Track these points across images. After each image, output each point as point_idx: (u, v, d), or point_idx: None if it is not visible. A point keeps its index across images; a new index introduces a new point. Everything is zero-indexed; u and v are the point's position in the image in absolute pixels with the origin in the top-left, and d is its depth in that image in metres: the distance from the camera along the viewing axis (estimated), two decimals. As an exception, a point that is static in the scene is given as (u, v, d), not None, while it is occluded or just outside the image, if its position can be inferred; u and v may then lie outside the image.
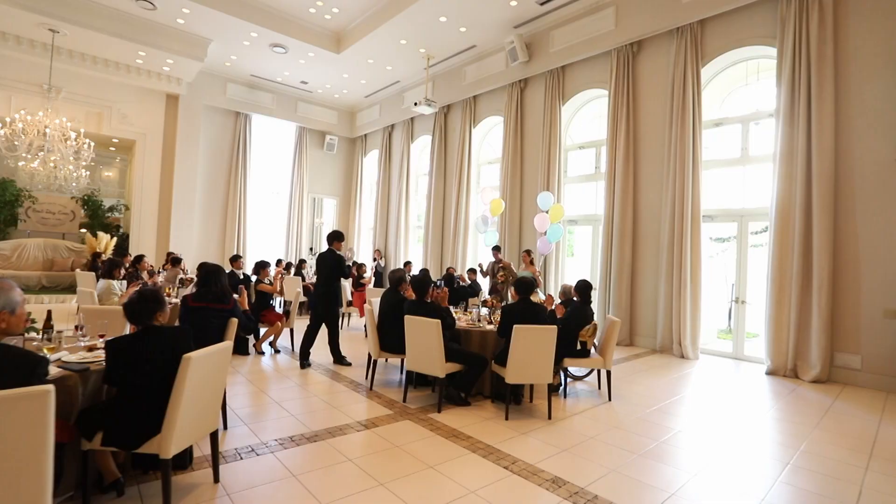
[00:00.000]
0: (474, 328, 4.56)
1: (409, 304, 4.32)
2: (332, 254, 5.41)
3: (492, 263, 7.16)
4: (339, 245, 5.44)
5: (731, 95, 7.50)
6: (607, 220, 7.90)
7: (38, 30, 9.08)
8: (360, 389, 4.59)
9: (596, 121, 9.16)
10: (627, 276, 7.66)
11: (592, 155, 9.04)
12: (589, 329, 4.54)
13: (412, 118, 12.69)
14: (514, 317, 4.07)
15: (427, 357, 4.05)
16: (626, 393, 4.84)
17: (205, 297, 3.30)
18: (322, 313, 5.36)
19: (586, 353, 4.61)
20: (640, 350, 7.22)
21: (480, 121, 10.80)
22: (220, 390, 2.62)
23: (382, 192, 13.61)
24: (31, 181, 10.08)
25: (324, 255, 5.44)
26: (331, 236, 5.46)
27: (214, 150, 12.58)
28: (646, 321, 7.51)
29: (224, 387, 2.69)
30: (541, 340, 3.88)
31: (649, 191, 7.58)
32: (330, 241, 5.44)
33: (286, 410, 3.87)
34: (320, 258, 5.46)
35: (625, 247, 7.66)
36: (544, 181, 8.93)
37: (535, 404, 4.36)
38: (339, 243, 5.45)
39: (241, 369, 5.15)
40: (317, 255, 5.43)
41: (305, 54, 10.78)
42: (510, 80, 9.75)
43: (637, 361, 6.44)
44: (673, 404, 4.53)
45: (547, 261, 8.84)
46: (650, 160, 7.60)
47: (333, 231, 5.50)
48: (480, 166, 11.48)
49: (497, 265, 6.89)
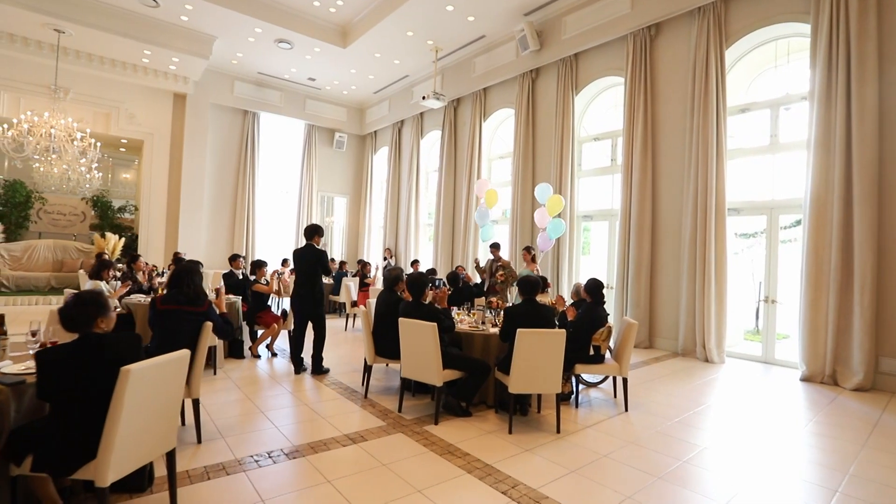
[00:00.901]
0: (477, 331, 4.20)
1: (403, 306, 3.99)
2: (311, 249, 5.03)
3: (490, 262, 6.75)
4: (318, 240, 5.08)
5: (758, 79, 6.96)
6: (624, 215, 7.44)
7: (45, 30, 9.04)
8: (355, 397, 4.27)
9: (611, 110, 8.69)
10: (646, 274, 7.19)
11: (608, 147, 8.57)
12: (602, 332, 4.14)
13: (421, 113, 12.37)
14: (518, 319, 3.70)
15: (423, 363, 3.71)
16: (644, 402, 4.42)
17: (175, 298, 3.02)
18: (308, 313, 5.00)
19: (600, 358, 4.21)
20: (660, 353, 6.76)
21: (491, 114, 10.41)
22: (175, 405, 2.32)
23: (392, 190, 13.33)
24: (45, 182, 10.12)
25: (302, 252, 5.04)
26: (309, 230, 5.09)
27: (222, 150, 12.47)
28: (666, 322, 7.04)
29: (180, 401, 2.38)
30: (547, 346, 3.51)
31: (669, 183, 7.10)
32: (309, 235, 5.07)
33: (270, 421, 3.58)
34: (298, 255, 5.05)
35: (643, 243, 7.20)
36: (557, 175, 8.51)
37: (543, 415, 3.98)
38: (319, 238, 5.09)
39: (233, 374, 4.89)
40: (293, 252, 5.09)
41: (311, 49, 10.55)
42: (521, 71, 9.34)
43: (657, 366, 5.99)
44: (697, 415, 4.09)
45: (560, 259, 8.42)
46: (670, 151, 7.12)
47: (311, 225, 5.15)
48: (491, 161, 11.09)
49: (496, 264, 6.49)
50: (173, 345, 2.96)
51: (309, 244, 5.05)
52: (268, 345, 5.85)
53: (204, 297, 3.15)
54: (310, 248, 5.04)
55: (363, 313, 4.33)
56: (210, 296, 3.56)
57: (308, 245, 5.06)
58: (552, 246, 7.51)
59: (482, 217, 7.64)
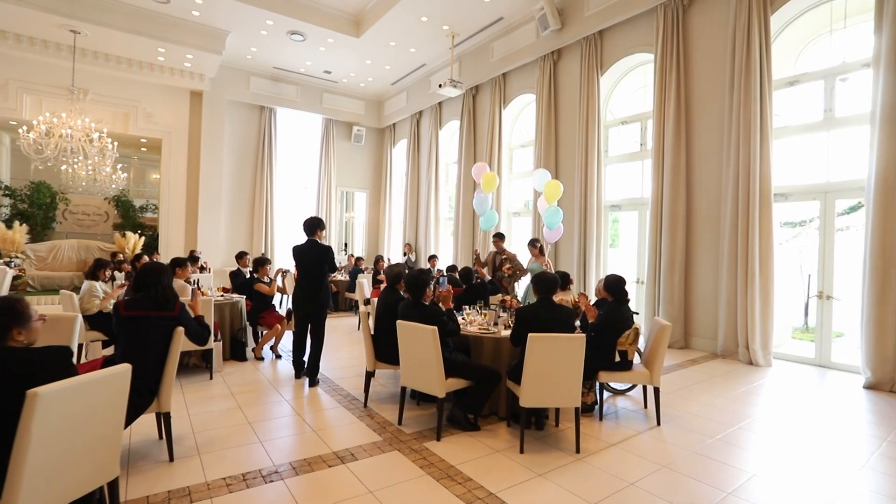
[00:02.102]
0: (486, 334, 3.77)
1: (402, 307, 3.59)
2: (315, 245, 4.58)
3: (493, 254, 6.22)
4: (320, 234, 4.63)
5: (809, 47, 6.20)
6: (656, 204, 6.82)
7: (61, 32, 9.06)
8: (354, 406, 3.92)
9: (640, 91, 8.03)
10: (680, 267, 6.57)
11: (637, 130, 7.93)
12: (628, 335, 3.63)
13: (440, 103, 11.93)
14: (531, 321, 3.25)
15: (423, 371, 3.32)
16: (679, 414, 3.89)
17: (141, 303, 2.72)
18: (311, 315, 4.56)
19: (627, 364, 3.70)
20: (696, 354, 6.14)
21: (511, 100, 9.88)
22: (115, 430, 1.99)
23: (411, 183, 12.97)
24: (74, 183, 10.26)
25: (304, 248, 4.58)
26: (310, 224, 4.61)
27: (240, 146, 12.39)
28: (704, 320, 6.41)
29: (121, 423, 2.05)
30: (563, 353, 3.04)
31: (706, 168, 6.44)
32: (310, 230, 4.60)
33: (256, 435, 3.26)
34: (301, 252, 4.60)
35: (677, 234, 6.57)
36: (582, 162, 7.93)
37: (562, 430, 3.52)
38: (321, 231, 4.64)
39: (231, 379, 4.62)
40: (293, 248, 4.66)
41: (324, 41, 10.26)
42: (542, 53, 8.77)
43: (693, 369, 5.41)
44: (743, 432, 3.54)
45: (586, 252, 7.85)
46: (707, 132, 6.45)
47: (311, 218, 4.67)
48: (513, 150, 10.57)
49: (500, 256, 5.96)
50: (141, 354, 2.68)
51: (311, 240, 4.61)
52: (272, 346, 5.58)
53: (174, 299, 2.84)
54: (312, 244, 4.61)
55: (362, 314, 3.96)
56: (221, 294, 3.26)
57: (310, 241, 4.62)
58: (559, 237, 6.84)
59: (480, 204, 6.98)
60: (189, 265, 4.92)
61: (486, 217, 6.89)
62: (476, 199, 6.98)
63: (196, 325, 2.99)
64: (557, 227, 6.49)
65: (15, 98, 9.90)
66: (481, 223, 7.04)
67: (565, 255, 8.36)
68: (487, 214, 6.89)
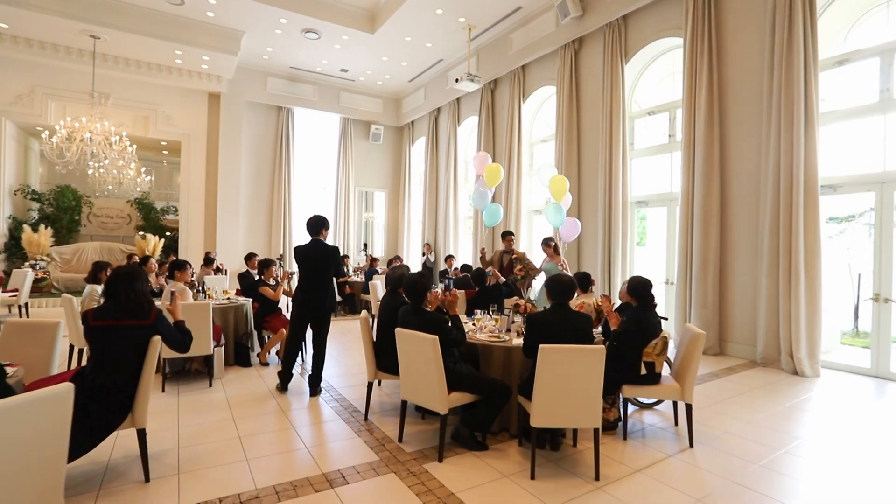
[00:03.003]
0: (497, 342, 3.43)
1: (401, 312, 3.29)
2: (321, 246, 4.22)
3: (500, 253, 5.81)
4: (325, 233, 4.29)
5: (861, 21, 5.59)
6: (686, 199, 6.33)
7: (82, 37, 9.17)
8: (354, 419, 3.64)
9: (668, 78, 7.51)
10: (714, 267, 6.05)
11: (665, 121, 7.42)
12: (656, 345, 3.23)
13: (458, 99, 11.62)
14: (543, 330, 2.90)
15: (423, 384, 3.01)
16: (715, 433, 3.46)
17: (110, 311, 2.51)
18: (317, 323, 4.24)
19: (654, 378, 3.30)
20: (732, 362, 5.63)
21: (531, 93, 9.47)
22: (55, 458, 1.75)
23: (430, 182, 12.70)
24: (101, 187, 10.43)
25: (309, 249, 4.22)
26: (314, 223, 4.24)
27: (258, 147, 12.37)
28: (741, 324, 5.89)
29: (64, 450, 1.81)
30: (580, 367, 2.68)
31: (742, 159, 5.92)
32: (314, 229, 4.24)
33: (244, 452, 3.02)
34: (305, 253, 4.21)
35: (710, 231, 6.06)
36: (606, 156, 7.47)
37: (580, 451, 3.15)
38: (326, 231, 4.30)
39: (230, 387, 4.42)
40: (295, 249, 4.24)
41: (339, 38, 10.09)
42: (562, 42, 8.34)
43: (730, 379, 4.92)
44: (790, 457, 3.10)
45: (611, 251, 7.38)
46: (742, 120, 5.92)
47: (315, 216, 4.28)
48: (533, 146, 10.15)
49: (509, 256, 5.57)
50: (112, 367, 2.47)
51: (316, 240, 4.26)
52: (277, 351, 5.37)
53: (149, 306, 2.61)
54: (318, 244, 4.26)
55: (362, 320, 3.68)
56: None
57: (315, 241, 4.26)
58: (575, 236, 6.36)
59: (481, 199, 6.50)
60: (189, 267, 4.76)
61: (489, 212, 6.42)
62: (475, 192, 6.52)
63: (175, 331, 2.77)
64: (573, 225, 6.05)
65: (40, 104, 10.11)
66: (485, 219, 6.61)
67: (588, 254, 7.91)
68: (490, 209, 6.43)
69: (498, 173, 6.33)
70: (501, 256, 5.76)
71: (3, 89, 9.74)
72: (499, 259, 5.76)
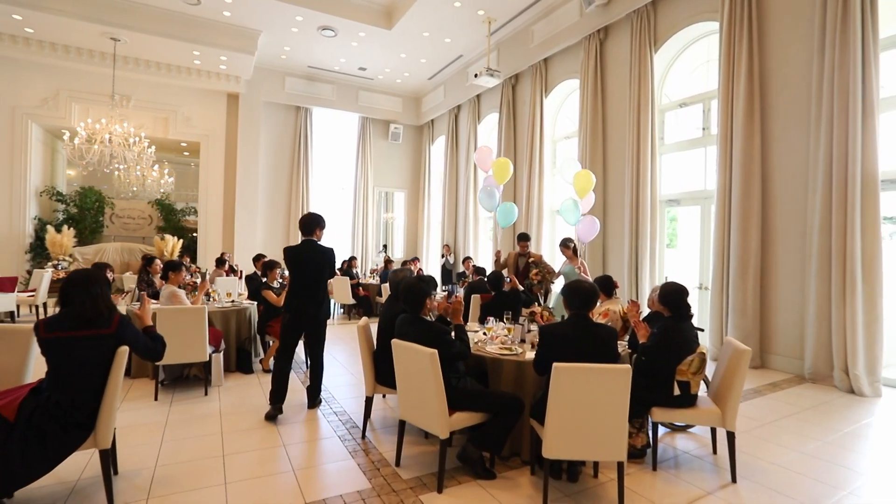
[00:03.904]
0: (508, 355, 3.05)
1: (398, 322, 2.95)
2: (314, 247, 3.81)
3: (515, 255, 5.38)
4: (320, 234, 3.88)
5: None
6: (722, 197, 5.80)
7: (103, 40, 9.24)
8: (352, 437, 3.33)
9: (702, 67, 6.96)
10: (755, 271, 5.50)
11: (698, 113, 6.87)
12: (692, 362, 2.80)
13: (478, 95, 11.27)
14: (559, 344, 2.51)
15: (421, 404, 2.66)
16: (761, 464, 2.99)
17: (65, 322, 2.24)
18: (311, 332, 3.86)
19: (689, 399, 2.86)
20: (776, 376, 5.08)
21: (553, 87, 9.03)
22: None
23: (450, 181, 12.37)
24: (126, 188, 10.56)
25: (301, 251, 3.80)
26: (308, 222, 3.84)
27: (276, 148, 12.31)
28: (785, 335, 5.32)
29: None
30: (602, 389, 2.29)
31: (787, 151, 5.36)
32: (308, 229, 3.83)
33: (223, 474, 2.73)
34: (297, 255, 3.80)
35: (749, 231, 5.52)
36: (633, 152, 6.98)
37: (602, 483, 2.74)
38: (321, 231, 3.88)
39: (226, 396, 4.18)
40: (285, 250, 3.84)
41: (356, 35, 9.89)
42: (586, 32, 7.88)
43: (774, 397, 4.39)
44: (855, 499, 2.61)
45: (639, 254, 6.88)
46: (787, 108, 5.37)
47: (309, 214, 3.89)
48: (556, 142, 9.70)
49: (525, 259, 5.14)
50: (67, 383, 2.21)
51: (308, 240, 3.84)
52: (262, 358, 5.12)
53: (109, 313, 2.35)
54: (310, 245, 3.83)
55: (360, 328, 3.36)
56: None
57: (308, 241, 3.84)
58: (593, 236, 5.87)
59: (488, 199, 6.00)
60: (184, 269, 4.56)
61: (503, 212, 5.94)
62: (482, 191, 6.06)
63: (144, 339, 2.50)
64: (591, 223, 5.59)
65: (65, 107, 10.26)
66: (498, 219, 6.16)
67: (614, 257, 7.43)
68: (503, 209, 5.96)
69: (507, 168, 5.90)
70: (517, 259, 5.35)
71: (29, 93, 9.92)
72: (514, 262, 5.35)
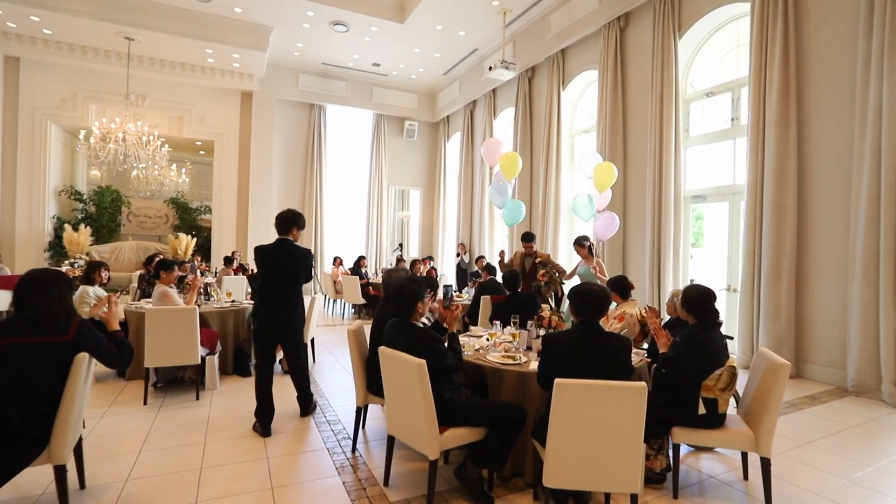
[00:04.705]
0: (510, 364, 2.75)
1: (387, 328, 2.68)
2: (288, 247, 3.42)
3: (520, 255, 5.03)
4: (297, 233, 3.50)
5: None
6: (753, 192, 5.35)
7: (118, 40, 9.28)
8: (341, 450, 3.08)
9: (731, 52, 6.49)
10: (789, 272, 5.05)
11: (727, 102, 6.41)
12: (720, 376, 2.44)
13: (494, 90, 10.95)
14: (563, 355, 2.20)
15: (409, 420, 2.39)
16: (800, 494, 2.62)
17: (17, 327, 2.04)
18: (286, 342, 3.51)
19: (717, 419, 2.51)
20: (814, 388, 4.63)
21: (571, 79, 8.65)
22: None
23: (465, 178, 12.07)
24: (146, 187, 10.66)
25: (272, 250, 3.40)
26: (285, 220, 3.44)
27: (289, 145, 12.23)
28: (824, 342, 4.86)
29: None
30: (612, 410, 1.97)
31: (826, 141, 4.89)
32: (284, 227, 3.44)
33: (196, 491, 2.51)
34: (267, 254, 3.41)
35: (783, 228, 5.07)
36: (655, 145, 6.56)
37: (614, 512, 2.42)
38: (298, 231, 3.51)
39: (218, 401, 3.99)
40: (256, 250, 3.44)
41: (368, 29, 9.70)
42: (606, 20, 7.48)
43: (813, 412, 3.97)
44: (915, 538, 2.23)
45: (661, 253, 6.45)
46: (827, 94, 4.90)
47: (288, 211, 3.50)
48: (574, 137, 9.30)
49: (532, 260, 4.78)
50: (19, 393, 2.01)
51: (283, 240, 3.43)
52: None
53: (67, 317, 2.15)
54: (286, 245, 3.42)
55: (350, 332, 3.10)
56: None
57: (283, 241, 3.43)
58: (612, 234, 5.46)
59: (499, 194, 5.63)
60: (176, 268, 4.39)
61: (510, 210, 5.57)
62: (492, 187, 5.69)
63: (108, 345, 2.30)
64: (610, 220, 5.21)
65: (83, 107, 10.36)
66: (505, 217, 5.79)
67: (635, 257, 7.01)
68: (510, 206, 5.60)
69: (515, 163, 5.55)
70: (522, 259, 5.00)
71: (48, 94, 10.05)
72: (519, 262, 5.00)
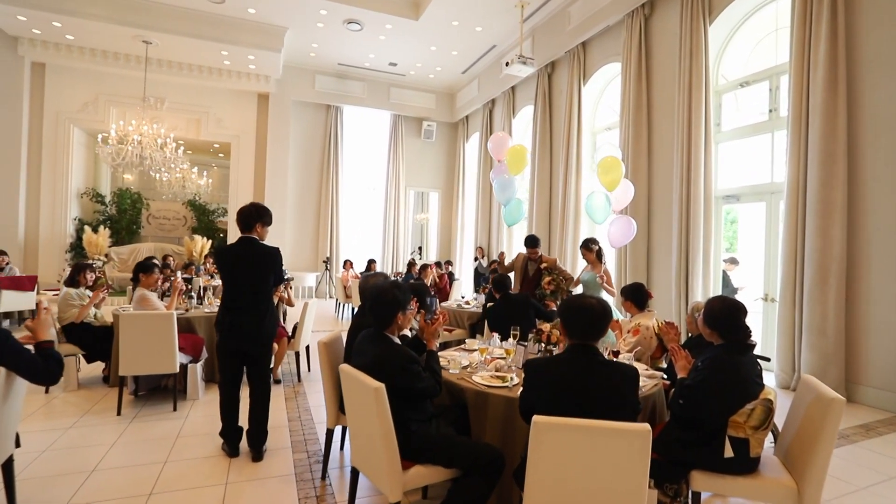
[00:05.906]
0: (497, 386, 2.36)
1: (359, 338, 2.31)
2: (253, 246, 2.96)
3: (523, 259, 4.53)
4: (263, 230, 3.03)
5: None
6: (794, 191, 4.77)
7: (135, 43, 9.37)
8: (311, 477, 2.74)
9: (769, 38, 5.89)
10: (837, 281, 4.45)
11: (764, 92, 5.81)
12: (753, 412, 1.98)
13: (513, 88, 10.53)
14: (548, 384, 1.79)
15: (370, 451, 2.02)
16: (855, 556, 2.12)
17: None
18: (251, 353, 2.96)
19: (748, 464, 2.03)
20: (868, 415, 4.02)
21: (592, 74, 8.15)
22: None
23: (483, 180, 11.67)
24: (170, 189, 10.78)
25: (235, 251, 2.97)
26: (248, 214, 2.98)
27: (306, 147, 12.13)
28: (879, 361, 4.24)
29: None
30: (606, 457, 1.55)
31: (883, 132, 4.29)
32: (246, 223, 2.98)
33: (134, 524, 2.23)
34: (229, 256, 3.00)
35: (831, 231, 4.47)
36: (683, 141, 6.02)
37: (617, 573, 1.98)
38: (264, 227, 3.04)
39: (196, 412, 3.73)
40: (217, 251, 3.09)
41: (383, 27, 9.48)
42: (629, 8, 6.98)
43: (868, 446, 3.39)
44: None
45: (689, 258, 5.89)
46: (882, 77, 4.30)
47: (252, 205, 3.04)
48: (596, 134, 8.78)
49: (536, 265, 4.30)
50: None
51: (246, 238, 2.97)
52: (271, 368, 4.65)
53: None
54: (250, 245, 2.96)
55: (321, 344, 2.76)
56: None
57: (246, 240, 2.97)
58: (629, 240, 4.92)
59: (503, 189, 5.19)
60: (156, 271, 4.17)
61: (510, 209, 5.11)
62: (497, 182, 5.24)
63: (31, 358, 2.03)
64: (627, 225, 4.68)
65: (104, 111, 10.53)
66: (504, 217, 5.34)
67: (660, 263, 6.47)
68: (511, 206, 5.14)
69: (523, 157, 5.10)
70: (525, 264, 4.53)
71: (71, 98, 10.24)
72: (521, 266, 4.53)
